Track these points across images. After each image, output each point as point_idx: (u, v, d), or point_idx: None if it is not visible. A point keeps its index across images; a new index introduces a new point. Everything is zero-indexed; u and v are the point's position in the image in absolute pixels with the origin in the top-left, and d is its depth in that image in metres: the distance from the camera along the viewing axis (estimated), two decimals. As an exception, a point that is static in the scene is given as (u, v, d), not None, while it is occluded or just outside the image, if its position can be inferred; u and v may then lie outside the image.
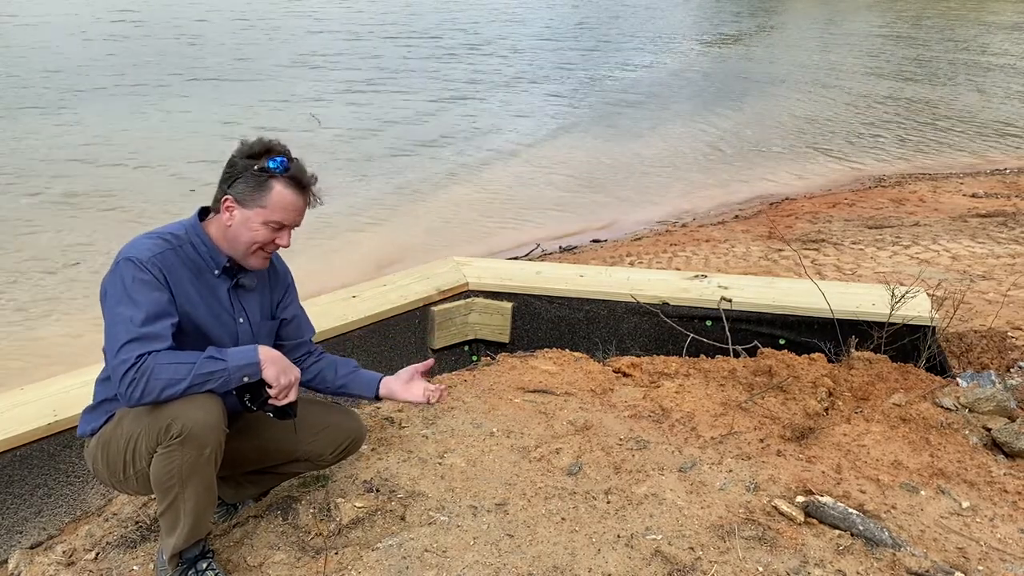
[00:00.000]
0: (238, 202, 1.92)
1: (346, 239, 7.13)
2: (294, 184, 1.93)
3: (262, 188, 1.91)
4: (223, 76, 13.66)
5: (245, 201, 1.92)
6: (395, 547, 2.15)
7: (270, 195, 1.91)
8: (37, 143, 9.39)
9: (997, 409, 2.85)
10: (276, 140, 1.96)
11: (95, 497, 2.69)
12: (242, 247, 1.96)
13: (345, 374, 2.26)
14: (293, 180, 1.93)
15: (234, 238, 1.95)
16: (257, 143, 1.94)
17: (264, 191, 1.91)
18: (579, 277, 3.94)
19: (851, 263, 5.85)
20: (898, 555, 2.05)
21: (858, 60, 17.99)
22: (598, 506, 2.33)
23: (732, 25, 24.93)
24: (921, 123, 12.20)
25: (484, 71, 15.38)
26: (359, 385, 2.25)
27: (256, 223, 1.92)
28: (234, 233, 1.95)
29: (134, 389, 1.75)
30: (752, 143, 10.97)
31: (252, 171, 1.91)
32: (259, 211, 1.92)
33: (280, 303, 2.20)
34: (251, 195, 1.91)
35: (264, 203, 1.91)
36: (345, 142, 10.17)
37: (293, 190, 1.94)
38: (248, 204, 1.92)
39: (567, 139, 10.87)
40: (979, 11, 28.97)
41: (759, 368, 3.31)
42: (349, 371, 2.27)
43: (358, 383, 2.25)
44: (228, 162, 1.95)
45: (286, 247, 2.00)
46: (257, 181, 1.91)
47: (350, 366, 2.28)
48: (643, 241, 7.13)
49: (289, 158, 1.94)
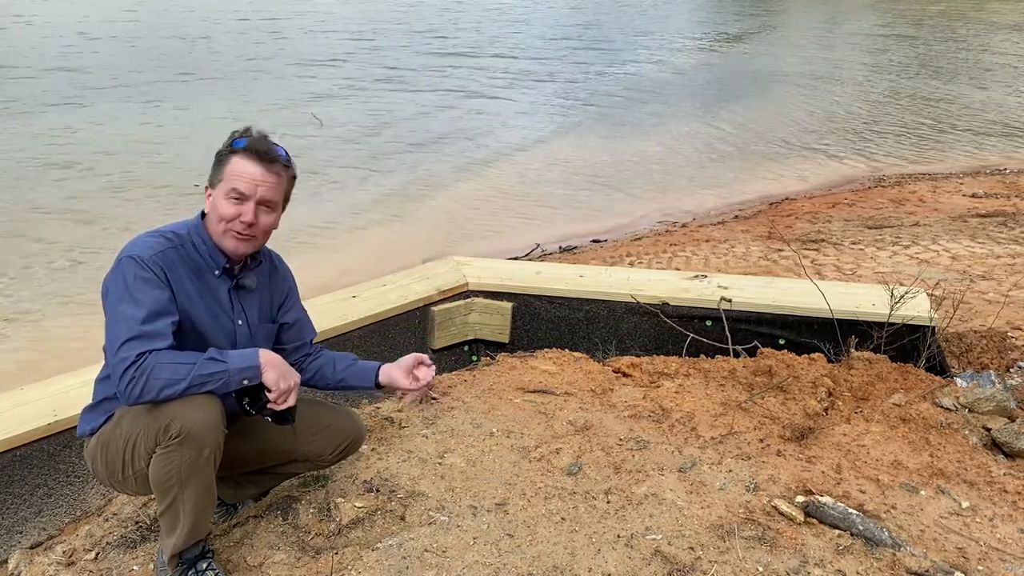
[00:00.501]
0: (210, 185, 1.98)
1: (348, 239, 7.13)
2: (251, 154, 1.95)
3: (223, 164, 1.96)
4: (226, 76, 13.67)
5: (213, 182, 1.97)
6: (395, 547, 2.15)
7: (228, 167, 1.94)
8: (38, 142, 9.40)
9: (997, 409, 2.85)
10: (251, 126, 2.00)
11: (95, 497, 2.69)
12: (217, 228, 1.97)
13: (343, 368, 2.25)
14: (249, 151, 1.95)
15: (211, 223, 1.98)
16: (235, 132, 1.98)
17: (224, 165, 1.95)
18: (579, 277, 3.94)
19: (851, 263, 5.85)
20: (898, 555, 2.05)
21: (858, 60, 18.00)
22: (598, 506, 2.33)
23: (733, 24, 24.93)
24: (921, 123, 12.20)
25: (486, 70, 15.39)
26: (357, 376, 2.24)
27: (220, 198, 1.94)
28: (210, 218, 1.98)
29: (133, 387, 1.75)
30: (752, 143, 10.97)
31: (219, 153, 1.97)
32: (220, 186, 1.95)
33: (281, 307, 2.20)
34: (217, 175, 1.96)
35: (223, 176, 1.95)
36: (347, 142, 10.18)
37: (250, 160, 1.94)
38: (215, 183, 1.96)
39: (567, 139, 10.88)
40: (979, 11, 28.97)
41: (759, 368, 3.31)
42: (347, 364, 2.26)
43: (356, 374, 2.24)
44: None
45: (250, 222, 1.94)
46: (220, 160, 1.96)
47: (348, 359, 2.28)
48: (643, 241, 7.13)
49: (253, 138, 1.97)
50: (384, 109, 11.88)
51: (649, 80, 15.23)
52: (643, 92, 14.09)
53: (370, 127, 10.91)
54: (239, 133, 1.99)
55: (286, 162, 2.01)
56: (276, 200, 1.99)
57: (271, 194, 1.96)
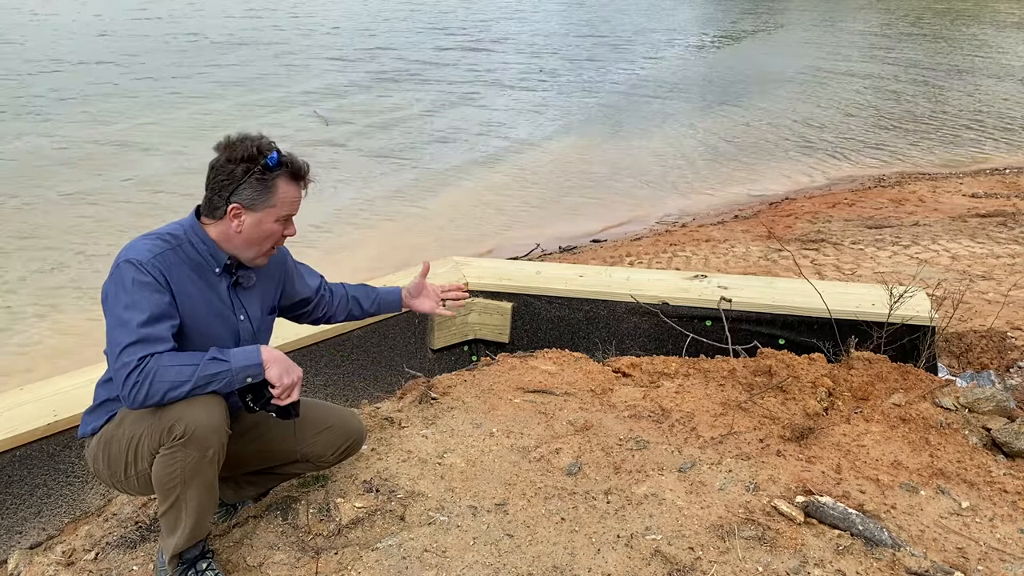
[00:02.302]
0: (247, 208, 1.93)
1: (349, 238, 7.14)
2: (294, 177, 1.97)
3: (268, 189, 1.93)
4: (229, 75, 13.67)
5: (255, 205, 1.93)
6: (395, 547, 2.15)
7: (276, 194, 1.94)
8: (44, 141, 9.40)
9: (997, 409, 2.85)
10: (259, 135, 1.96)
11: (95, 497, 2.70)
12: (257, 249, 1.99)
13: (371, 302, 2.46)
14: (292, 173, 1.96)
15: (247, 243, 1.97)
16: (244, 146, 1.91)
17: (271, 191, 1.93)
18: (579, 277, 3.94)
19: (851, 263, 5.85)
20: (898, 555, 2.05)
21: (859, 60, 18.00)
22: (598, 506, 2.33)
23: (735, 24, 24.93)
24: (921, 123, 12.20)
25: (489, 69, 15.39)
26: (387, 306, 2.49)
27: (269, 222, 1.95)
28: (246, 238, 1.96)
29: (137, 392, 1.75)
30: (752, 143, 10.97)
31: (256, 176, 1.91)
32: (269, 211, 1.94)
33: (285, 291, 2.25)
34: (259, 198, 1.93)
35: (273, 202, 1.94)
36: (351, 141, 10.19)
37: (294, 183, 1.97)
38: (257, 207, 1.93)
39: (567, 139, 10.88)
40: (980, 11, 28.97)
41: (759, 368, 3.31)
42: (373, 298, 2.46)
43: (386, 305, 2.49)
44: (217, 167, 1.92)
45: (294, 236, 2.05)
46: (263, 184, 1.92)
47: (370, 295, 2.46)
48: (643, 241, 7.13)
49: (280, 152, 1.95)
50: (386, 109, 11.89)
51: (651, 79, 15.24)
52: (645, 91, 14.10)
53: (372, 126, 10.92)
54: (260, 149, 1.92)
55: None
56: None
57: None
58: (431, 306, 2.47)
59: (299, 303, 2.32)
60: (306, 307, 2.36)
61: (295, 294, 2.29)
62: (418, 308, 2.48)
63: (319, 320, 2.42)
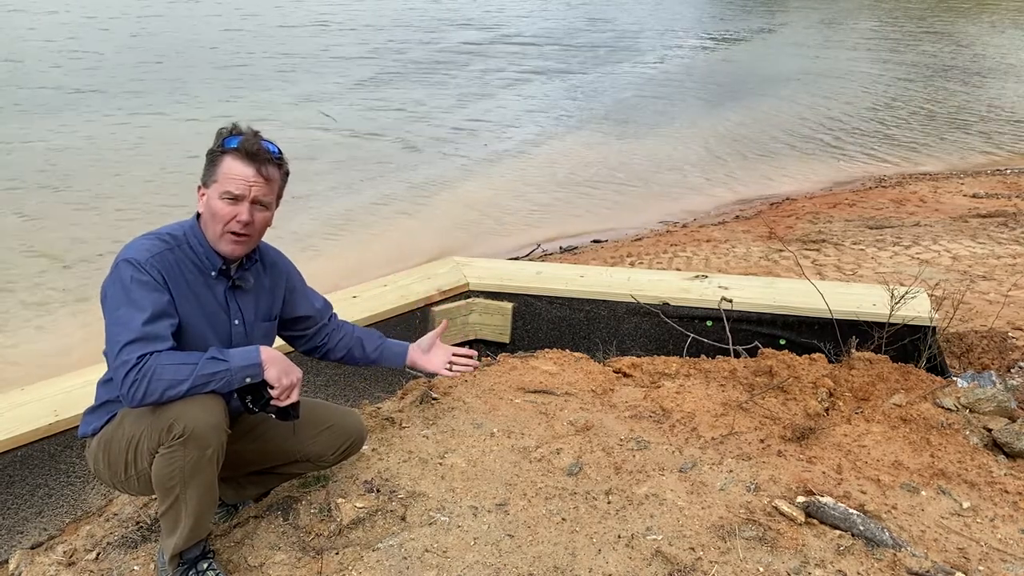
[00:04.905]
0: (203, 185, 1.96)
1: (351, 239, 7.14)
2: (242, 155, 1.93)
3: (215, 164, 1.94)
4: (233, 75, 13.68)
5: (207, 182, 1.95)
6: (395, 547, 2.15)
7: (220, 168, 1.93)
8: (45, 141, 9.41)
9: (998, 409, 2.85)
10: (241, 123, 1.98)
11: (96, 497, 2.70)
12: (213, 230, 1.95)
13: (374, 348, 2.37)
14: (241, 151, 1.93)
15: (206, 224, 1.97)
16: (223, 130, 1.97)
17: (216, 166, 1.94)
18: (579, 277, 3.94)
19: (852, 263, 5.85)
20: (899, 555, 2.05)
21: (860, 60, 17.98)
22: (598, 506, 2.33)
23: (736, 24, 24.92)
24: (922, 123, 12.19)
25: (489, 69, 15.39)
26: (390, 358, 2.39)
27: (215, 199, 1.93)
28: (205, 218, 1.97)
29: (136, 390, 1.75)
30: (753, 143, 10.97)
31: (210, 153, 1.96)
32: (214, 186, 1.94)
33: (287, 303, 2.21)
34: (210, 175, 1.95)
35: (217, 177, 1.94)
36: (357, 140, 10.20)
37: (242, 160, 1.93)
38: (208, 184, 1.95)
39: (568, 139, 10.87)
40: (980, 11, 28.96)
41: (759, 368, 3.31)
42: (377, 344, 2.37)
43: (389, 356, 2.38)
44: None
45: (246, 222, 1.94)
46: (212, 159, 1.95)
47: (375, 340, 2.37)
48: (643, 241, 7.13)
49: (245, 136, 1.95)
50: (387, 109, 11.89)
51: (652, 79, 15.23)
52: (646, 91, 14.09)
53: (375, 126, 10.92)
54: (228, 131, 1.97)
55: (278, 159, 1.99)
56: (270, 198, 1.99)
57: (264, 193, 1.96)
58: (437, 366, 2.38)
59: (298, 320, 2.27)
60: (306, 329, 2.30)
61: (294, 309, 2.24)
62: (424, 365, 2.38)
63: (316, 349, 2.34)
